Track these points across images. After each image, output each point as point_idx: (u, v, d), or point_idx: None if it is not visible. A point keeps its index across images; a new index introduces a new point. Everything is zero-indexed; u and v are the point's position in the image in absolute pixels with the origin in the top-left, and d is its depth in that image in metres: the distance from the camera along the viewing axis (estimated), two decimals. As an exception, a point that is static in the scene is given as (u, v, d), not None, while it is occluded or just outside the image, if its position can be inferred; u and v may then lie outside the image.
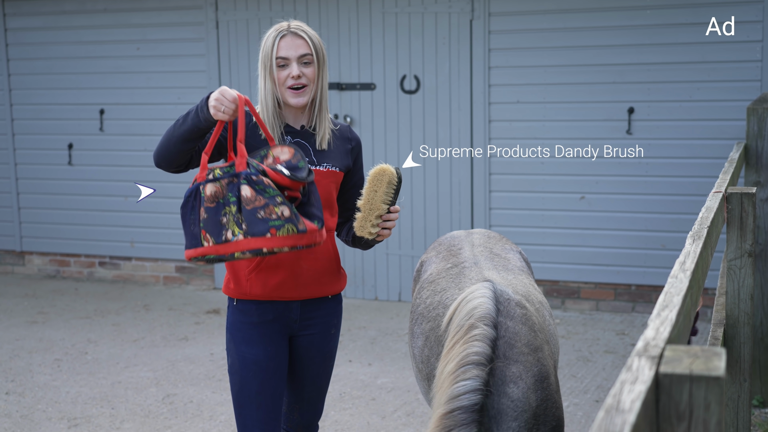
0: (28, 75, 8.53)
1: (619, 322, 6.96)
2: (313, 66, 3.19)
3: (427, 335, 3.29)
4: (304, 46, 3.17)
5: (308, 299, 3.28)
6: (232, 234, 2.84)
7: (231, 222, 2.85)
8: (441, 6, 7.26)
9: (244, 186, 2.83)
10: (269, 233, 2.81)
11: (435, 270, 3.60)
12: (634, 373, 1.45)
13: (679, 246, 6.72)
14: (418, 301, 3.52)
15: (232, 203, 2.85)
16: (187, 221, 2.96)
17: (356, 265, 7.66)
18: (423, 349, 3.30)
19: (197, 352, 6.39)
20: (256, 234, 2.82)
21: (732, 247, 3.84)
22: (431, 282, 3.51)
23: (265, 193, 2.82)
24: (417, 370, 3.40)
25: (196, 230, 2.92)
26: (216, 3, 7.83)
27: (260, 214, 2.82)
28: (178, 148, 3.04)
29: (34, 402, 5.48)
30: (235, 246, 2.85)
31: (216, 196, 2.88)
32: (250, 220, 2.82)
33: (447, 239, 3.87)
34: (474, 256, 3.55)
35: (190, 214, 2.93)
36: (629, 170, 6.97)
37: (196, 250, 2.94)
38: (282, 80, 3.16)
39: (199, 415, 5.24)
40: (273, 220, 2.81)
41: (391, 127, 7.48)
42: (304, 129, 3.26)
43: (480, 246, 3.68)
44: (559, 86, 7.07)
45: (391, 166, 3.08)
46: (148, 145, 8.12)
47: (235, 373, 3.26)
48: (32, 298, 7.99)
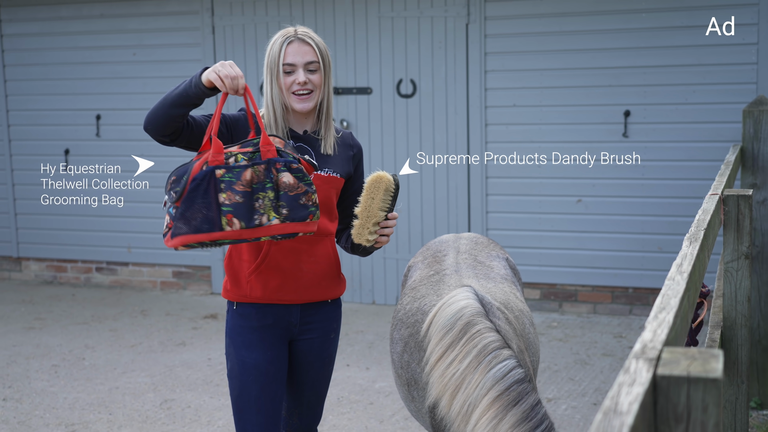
0: (24, 81, 8.53)
1: (617, 324, 6.96)
2: (319, 72, 3.20)
3: (407, 341, 3.31)
4: (311, 53, 3.18)
5: (308, 303, 3.29)
6: (267, 219, 2.87)
7: (268, 207, 2.87)
8: (437, 10, 7.27)
9: (284, 173, 2.90)
10: (308, 218, 2.93)
11: (418, 277, 3.62)
12: (632, 376, 1.45)
13: (675, 249, 6.72)
14: (399, 307, 3.54)
15: (269, 189, 2.88)
16: (194, 205, 2.83)
17: (354, 269, 7.66)
18: (402, 355, 3.32)
19: (195, 358, 6.38)
20: (296, 219, 2.91)
21: (729, 250, 3.84)
22: (413, 288, 3.54)
23: (304, 180, 2.93)
24: (396, 375, 3.42)
25: (211, 214, 2.83)
26: (212, 8, 7.84)
27: (302, 200, 2.92)
28: (165, 112, 2.98)
29: (31, 408, 5.47)
30: (266, 230, 2.88)
31: (252, 181, 2.88)
32: (292, 206, 2.89)
33: (435, 244, 3.88)
34: (456, 264, 3.58)
35: (202, 198, 2.83)
36: (626, 173, 6.98)
37: (209, 234, 2.84)
38: (288, 86, 3.17)
39: (197, 421, 5.23)
40: (311, 206, 2.93)
41: (387, 131, 7.48)
42: (306, 134, 3.27)
43: (465, 253, 3.70)
44: (555, 89, 7.08)
45: (388, 173, 3.07)
46: (145, 150, 8.12)
47: (234, 377, 3.26)
48: (29, 304, 7.98)
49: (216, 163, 2.86)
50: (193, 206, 2.83)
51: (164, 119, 2.99)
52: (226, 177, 2.85)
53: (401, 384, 3.37)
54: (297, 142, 3.25)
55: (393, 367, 3.48)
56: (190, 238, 2.84)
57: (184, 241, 2.85)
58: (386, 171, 3.22)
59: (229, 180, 2.84)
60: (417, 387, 3.22)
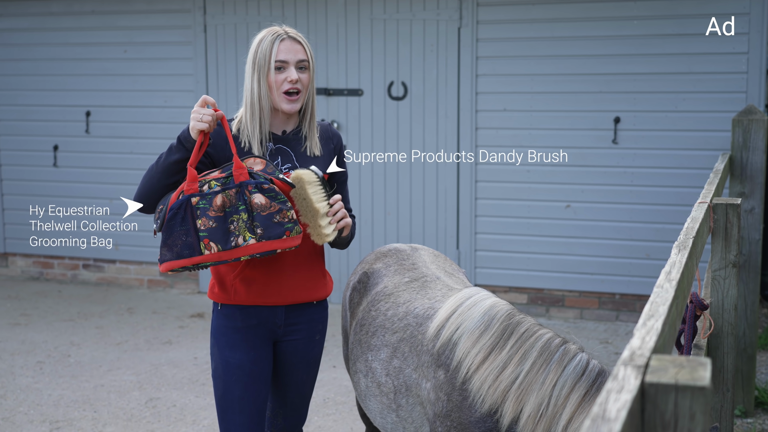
0: (13, 76, 8.49)
1: (603, 330, 6.98)
2: (308, 72, 3.21)
3: (396, 346, 3.22)
4: (302, 51, 3.20)
5: (292, 304, 3.28)
6: (243, 239, 2.99)
7: (242, 228, 2.99)
8: (429, 13, 7.27)
9: (256, 194, 3.00)
10: (285, 235, 3.00)
11: (391, 283, 3.52)
12: (620, 382, 1.46)
13: (663, 255, 6.75)
14: (373, 314, 3.43)
15: (242, 211, 3.00)
16: (174, 233, 2.99)
17: (341, 270, 7.65)
18: (390, 361, 3.22)
19: (181, 356, 6.36)
20: (272, 237, 2.99)
21: (717, 258, 3.86)
22: (389, 294, 3.45)
23: (277, 199, 3.01)
24: (375, 384, 3.29)
25: (190, 240, 2.98)
26: (204, 7, 7.82)
27: (276, 218, 3.00)
28: (162, 183, 3.10)
29: (15, 405, 5.45)
30: (244, 250, 2.99)
31: (224, 205, 3.00)
32: (266, 225, 2.99)
33: (393, 251, 3.76)
34: (433, 272, 3.52)
35: (180, 225, 2.99)
36: (615, 180, 7.00)
37: (190, 259, 2.99)
38: (279, 83, 3.16)
39: (182, 420, 5.22)
40: (287, 223, 3.02)
41: (378, 133, 7.49)
42: (285, 134, 3.25)
43: (432, 264, 3.64)
44: (545, 95, 7.09)
45: (299, 169, 3.08)
46: (134, 147, 8.10)
47: (218, 377, 3.26)
48: (15, 300, 7.95)
49: (191, 192, 3.01)
50: (173, 234, 3.00)
51: (162, 190, 3.12)
52: (201, 204, 2.99)
53: (381, 393, 3.26)
54: (277, 142, 3.24)
55: (365, 378, 3.36)
56: (175, 263, 3.01)
57: (170, 267, 3.02)
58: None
59: (203, 207, 2.99)
60: (408, 394, 3.12)
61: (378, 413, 3.33)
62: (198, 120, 3.02)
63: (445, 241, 7.41)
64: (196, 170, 3.07)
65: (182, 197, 3.00)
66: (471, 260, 7.36)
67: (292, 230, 3.01)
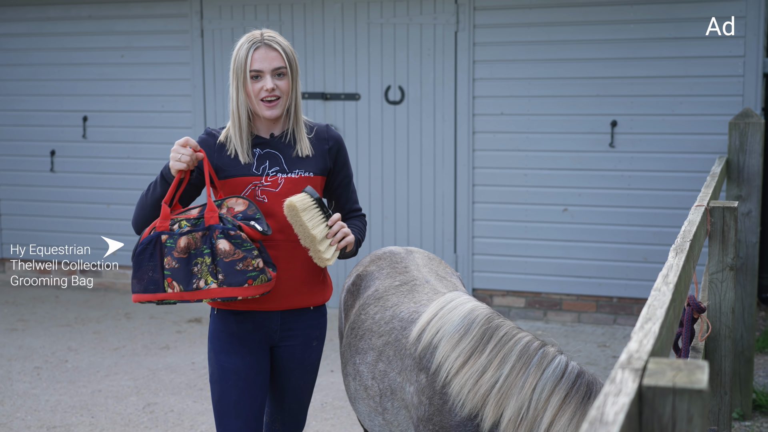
0: (11, 81, 8.49)
1: (601, 334, 6.98)
2: (287, 78, 3.16)
3: (381, 350, 3.22)
4: (278, 58, 3.14)
5: (289, 310, 3.27)
6: (204, 283, 3.01)
7: (204, 272, 3.01)
8: (426, 17, 7.28)
9: (221, 240, 3.00)
10: (247, 283, 3.00)
11: (382, 287, 3.51)
12: (618, 386, 1.45)
13: (660, 259, 6.75)
14: (363, 317, 3.43)
15: (206, 254, 3.01)
16: (143, 267, 3.03)
17: (339, 274, 7.65)
18: (376, 364, 3.22)
19: (178, 361, 6.36)
20: (233, 284, 3.00)
21: (714, 261, 3.86)
22: (379, 298, 3.44)
23: (243, 247, 3.00)
24: (363, 387, 3.30)
25: (156, 276, 3.02)
26: (201, 11, 7.83)
27: (239, 266, 2.99)
28: (154, 216, 3.15)
29: (13, 410, 5.44)
30: (206, 293, 3.02)
31: (189, 247, 3.02)
32: (228, 272, 2.99)
33: (387, 254, 3.75)
34: (423, 276, 3.51)
35: (149, 260, 3.03)
36: (612, 183, 7.01)
37: (155, 294, 3.03)
38: (256, 92, 3.14)
39: (180, 425, 5.21)
40: (250, 271, 3.00)
41: (375, 137, 7.49)
42: (273, 138, 3.23)
43: (424, 267, 3.63)
44: (542, 99, 7.10)
45: (292, 196, 3.05)
46: (131, 152, 8.10)
47: (215, 382, 3.26)
48: (12, 305, 7.94)
49: (162, 229, 3.05)
50: (141, 267, 3.04)
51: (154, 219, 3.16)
52: (168, 242, 3.03)
53: (368, 396, 3.26)
54: (265, 147, 3.22)
55: (353, 380, 3.37)
56: (142, 296, 3.06)
57: (138, 299, 3.08)
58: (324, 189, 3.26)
59: (170, 245, 3.02)
60: (393, 397, 3.12)
61: (366, 416, 3.34)
62: (176, 160, 3.07)
63: (442, 245, 7.41)
64: (180, 201, 3.15)
65: (153, 233, 3.04)
66: (468, 264, 7.36)
67: (255, 279, 3.00)
